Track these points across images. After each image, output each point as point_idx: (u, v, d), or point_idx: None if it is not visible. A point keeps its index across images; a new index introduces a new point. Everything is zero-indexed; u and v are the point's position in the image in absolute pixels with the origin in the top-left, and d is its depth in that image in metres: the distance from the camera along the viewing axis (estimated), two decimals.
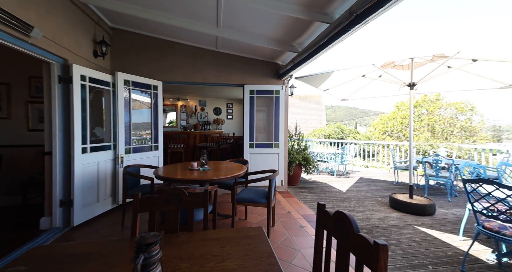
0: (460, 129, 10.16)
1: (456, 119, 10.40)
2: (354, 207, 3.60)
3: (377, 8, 1.96)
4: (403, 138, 11.44)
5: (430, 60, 3.74)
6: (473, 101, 12.44)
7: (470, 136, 10.08)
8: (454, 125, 10.24)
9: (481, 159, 5.53)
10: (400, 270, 1.96)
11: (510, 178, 3.00)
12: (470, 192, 2.00)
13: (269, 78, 4.51)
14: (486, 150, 5.56)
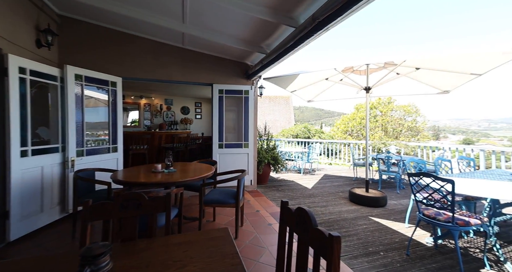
0: (407, 129, 11.56)
1: (404, 120, 11.80)
2: (318, 202, 3.81)
3: (337, 16, 2.10)
4: (361, 137, 12.52)
5: (382, 67, 4.16)
6: (418, 104, 14.21)
7: (415, 135, 11.53)
8: (402, 125, 11.59)
9: (423, 155, 6.38)
10: (356, 259, 2.14)
11: (444, 171, 3.52)
12: (413, 185, 2.29)
13: (238, 78, 4.50)
14: (427, 147, 6.42)
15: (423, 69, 3.74)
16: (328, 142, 8.57)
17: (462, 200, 2.63)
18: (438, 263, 2.08)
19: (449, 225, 2.00)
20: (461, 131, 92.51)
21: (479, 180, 2.52)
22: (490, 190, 2.13)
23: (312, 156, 6.73)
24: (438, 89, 4.34)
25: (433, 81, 4.15)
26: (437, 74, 3.79)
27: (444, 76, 3.79)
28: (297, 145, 9.25)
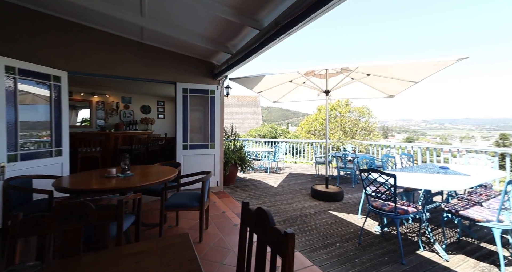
0: (362, 128, 12.77)
1: (359, 121, 13.01)
2: (283, 200, 3.96)
3: (298, 22, 2.21)
4: (323, 137, 13.40)
5: (340, 72, 4.51)
6: (370, 106, 15.77)
7: (368, 134, 12.81)
8: (358, 126, 12.77)
9: (375, 152, 7.13)
10: (316, 251, 2.29)
11: (390, 166, 4.00)
12: (363, 180, 2.54)
13: (204, 77, 4.39)
14: (378, 145, 7.19)
15: (373, 75, 4.18)
16: (293, 141, 8.94)
17: (403, 191, 3.02)
18: (384, 248, 2.36)
19: (392, 214, 2.28)
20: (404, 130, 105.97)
21: (415, 173, 2.92)
22: (423, 182, 2.49)
23: (278, 156, 6.95)
24: (385, 93, 4.90)
25: (381, 87, 4.67)
26: (384, 81, 4.27)
27: (389, 83, 4.29)
28: (264, 145, 9.45)
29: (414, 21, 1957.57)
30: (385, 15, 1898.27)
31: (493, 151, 4.63)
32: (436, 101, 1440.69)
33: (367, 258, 2.17)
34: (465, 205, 2.40)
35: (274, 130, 13.06)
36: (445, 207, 2.40)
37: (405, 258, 2.16)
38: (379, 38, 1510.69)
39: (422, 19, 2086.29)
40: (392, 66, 3.59)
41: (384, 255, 2.23)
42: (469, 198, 2.66)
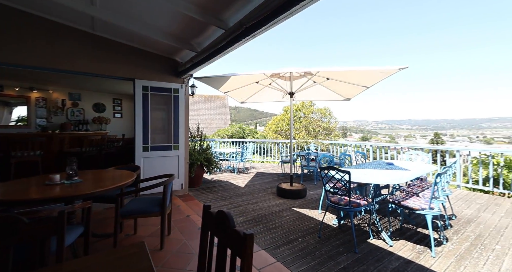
0: (324, 128, 13.67)
1: (321, 121, 13.90)
2: (250, 200, 4.00)
3: (262, 25, 2.25)
4: (289, 137, 13.93)
5: (303, 75, 4.75)
6: (331, 108, 16.94)
7: (329, 134, 13.77)
8: (320, 126, 13.62)
9: (335, 151, 7.70)
10: (280, 248, 2.38)
11: (346, 163, 4.38)
12: (323, 177, 2.73)
13: (166, 75, 4.16)
14: (337, 144, 7.78)
15: (332, 79, 4.50)
16: (261, 141, 9.09)
17: (357, 186, 3.33)
18: (340, 240, 2.57)
19: (347, 207, 2.49)
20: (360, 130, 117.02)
21: (367, 169, 3.25)
22: (373, 177, 2.79)
23: (246, 156, 6.99)
24: (343, 96, 5.33)
25: (339, 90, 5.06)
26: (341, 85, 4.64)
27: (346, 87, 4.68)
28: (232, 145, 9.40)
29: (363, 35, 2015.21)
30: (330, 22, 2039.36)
31: (428, 148, 5.43)
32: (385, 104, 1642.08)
33: (325, 250, 2.34)
34: (405, 196, 2.77)
35: (242, 130, 13.09)
36: (390, 198, 2.72)
37: (357, 247, 2.39)
38: (337, 47, 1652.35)
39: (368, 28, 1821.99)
40: (347, 72, 3.92)
41: (340, 245, 2.43)
42: (409, 190, 3.07)
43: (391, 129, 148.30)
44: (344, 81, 4.42)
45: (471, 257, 2.25)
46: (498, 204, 3.79)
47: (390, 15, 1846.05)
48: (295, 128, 14.10)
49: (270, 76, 4.68)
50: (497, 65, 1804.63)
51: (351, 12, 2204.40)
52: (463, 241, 2.56)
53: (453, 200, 3.96)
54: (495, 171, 4.36)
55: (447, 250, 2.37)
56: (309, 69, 4.05)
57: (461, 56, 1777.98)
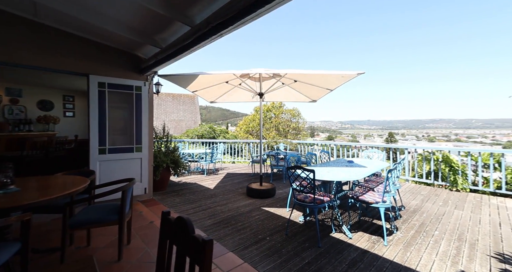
0: (293, 128, 14.18)
1: (291, 122, 14.38)
2: (219, 201, 3.93)
3: (228, 25, 2.23)
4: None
5: (272, 77, 4.85)
6: (300, 109, 17.60)
7: (298, 133, 14.32)
8: (289, 126, 14.09)
9: (303, 150, 8.04)
10: (247, 248, 2.39)
11: (312, 162, 4.60)
12: (290, 176, 2.82)
13: (128, 71, 3.86)
14: (305, 144, 8.13)
15: (299, 82, 4.68)
16: (232, 141, 9.02)
17: (321, 183, 3.52)
18: (306, 236, 2.68)
19: (312, 204, 2.62)
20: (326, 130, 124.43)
21: (330, 167, 3.46)
22: (335, 174, 2.97)
23: (216, 156, 6.87)
24: (310, 98, 5.58)
25: (306, 92, 5.30)
26: (308, 87, 4.86)
27: (312, 89, 4.91)
28: (202, 146, 9.15)
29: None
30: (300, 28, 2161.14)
31: (383, 147, 6.01)
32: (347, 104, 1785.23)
33: (292, 247, 2.42)
34: (362, 191, 3.01)
35: (212, 131, 12.81)
36: (349, 194, 2.94)
37: (321, 241, 2.53)
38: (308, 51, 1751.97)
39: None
40: (312, 75, 4.12)
41: (306, 241, 2.54)
42: (366, 185, 3.35)
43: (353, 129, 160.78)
44: (310, 84, 4.64)
45: (416, 243, 2.55)
46: (438, 194, 4.37)
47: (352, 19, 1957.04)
48: (265, 128, 14.34)
49: (240, 77, 4.67)
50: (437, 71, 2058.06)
51: (312, 17, 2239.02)
52: (410, 229, 2.89)
53: (402, 192, 4.45)
54: (436, 166, 5.02)
55: (397, 238, 2.65)
56: (278, 71, 4.14)
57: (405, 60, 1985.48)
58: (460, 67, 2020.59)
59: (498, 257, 2.27)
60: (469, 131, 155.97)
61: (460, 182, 4.57)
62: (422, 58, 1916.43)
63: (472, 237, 2.66)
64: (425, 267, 2.09)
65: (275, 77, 4.78)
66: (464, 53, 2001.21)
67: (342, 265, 2.11)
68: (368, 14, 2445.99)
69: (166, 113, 25.98)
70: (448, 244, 2.51)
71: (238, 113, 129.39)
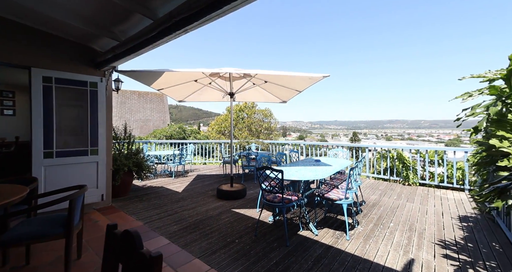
0: (265, 128, 14.36)
1: (263, 122, 14.55)
2: (187, 205, 3.76)
3: (193, 21, 2.12)
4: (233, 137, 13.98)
5: (242, 77, 4.81)
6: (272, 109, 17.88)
7: (270, 133, 14.55)
8: (262, 126, 14.24)
9: (275, 150, 8.17)
10: (215, 253, 2.31)
11: (282, 162, 4.69)
12: (259, 177, 2.81)
13: (81, 65, 3.46)
14: (277, 144, 8.27)
15: (269, 82, 4.73)
16: (204, 142, 8.75)
17: (290, 183, 3.60)
18: (275, 235, 2.70)
19: (280, 204, 2.65)
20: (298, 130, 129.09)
21: (298, 167, 3.55)
22: (303, 174, 3.05)
23: (186, 158, 6.59)
24: (280, 99, 5.68)
25: (277, 93, 5.38)
26: (278, 88, 4.93)
27: (282, 90, 5.01)
28: (171, 147, 8.70)
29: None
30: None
31: (347, 146, 6.41)
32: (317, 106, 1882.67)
33: (260, 248, 2.41)
34: (328, 189, 3.15)
35: (182, 131, 12.27)
36: (316, 192, 3.05)
37: (289, 240, 2.57)
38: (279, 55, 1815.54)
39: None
40: (281, 76, 4.19)
41: (274, 241, 2.56)
42: (331, 183, 3.52)
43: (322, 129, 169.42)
44: (280, 85, 4.71)
45: (374, 235, 2.75)
46: (393, 189, 4.81)
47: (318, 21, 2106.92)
48: (238, 128, 14.26)
49: (210, 76, 4.54)
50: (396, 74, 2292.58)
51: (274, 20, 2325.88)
52: (369, 222, 3.12)
53: (363, 188, 4.79)
54: (391, 163, 5.53)
55: (358, 232, 2.83)
56: (248, 71, 4.10)
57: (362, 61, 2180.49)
58: (413, 76, 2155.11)
59: (440, 243, 2.56)
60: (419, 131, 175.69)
61: (411, 177, 5.10)
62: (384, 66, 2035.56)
63: (421, 227, 2.97)
64: (381, 258, 2.26)
65: (246, 77, 4.75)
66: (407, 53, 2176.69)
67: (308, 262, 2.17)
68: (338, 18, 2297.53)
69: (131, 112, 24.24)
70: (401, 235, 2.76)
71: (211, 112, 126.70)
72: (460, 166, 4.72)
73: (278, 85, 4.74)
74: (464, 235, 2.75)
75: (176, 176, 5.98)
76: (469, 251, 2.39)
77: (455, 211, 3.54)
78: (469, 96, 2.34)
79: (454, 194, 4.39)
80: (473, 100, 2.35)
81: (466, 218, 3.26)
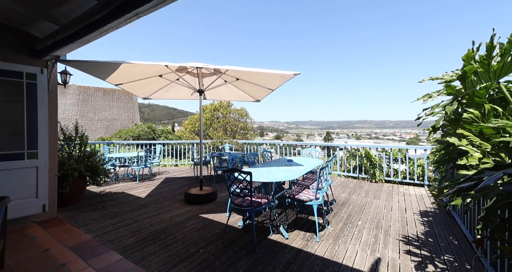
0: (241, 128, 14.16)
1: (239, 121, 14.33)
2: (149, 212, 3.41)
3: (143, 2, 1.85)
4: (208, 137, 13.52)
5: (213, 73, 4.56)
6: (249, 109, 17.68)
7: (246, 133, 14.40)
8: (237, 126, 14.01)
9: (250, 150, 8.01)
10: (176, 267, 2.06)
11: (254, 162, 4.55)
12: (227, 179, 2.62)
13: (13, 52, 2.93)
14: (252, 144, 8.13)
15: (241, 80, 4.55)
16: (176, 143, 8.24)
17: (261, 184, 3.46)
18: (243, 242, 2.53)
19: (248, 208, 2.48)
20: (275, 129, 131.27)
21: (270, 167, 3.43)
22: (273, 175, 2.92)
23: (153, 160, 6.11)
24: (254, 98, 5.54)
25: (250, 91, 5.22)
26: (251, 86, 4.78)
27: (255, 88, 4.86)
28: (139, 148, 8.05)
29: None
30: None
31: (320, 145, 6.51)
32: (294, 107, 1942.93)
33: (227, 257, 2.22)
34: (299, 190, 3.08)
35: (151, 131, 11.46)
36: (287, 193, 2.95)
37: (257, 246, 2.42)
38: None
39: None
40: (252, 73, 4.04)
41: (242, 248, 2.39)
42: (303, 183, 3.46)
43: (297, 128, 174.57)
44: (252, 83, 4.56)
45: (343, 235, 2.73)
46: (361, 186, 4.96)
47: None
48: (213, 128, 13.86)
49: (176, 71, 4.21)
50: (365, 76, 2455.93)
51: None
52: (339, 222, 3.11)
53: (334, 187, 4.86)
54: (360, 161, 5.72)
55: (328, 233, 2.78)
56: (218, 67, 3.90)
57: None
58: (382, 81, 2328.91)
59: (404, 240, 2.63)
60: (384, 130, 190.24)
61: (378, 174, 5.32)
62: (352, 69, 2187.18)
63: (386, 224, 3.04)
64: (350, 259, 2.22)
65: (216, 74, 4.52)
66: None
67: (276, 269, 2.03)
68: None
69: (95, 111, 22.29)
70: (368, 233, 2.78)
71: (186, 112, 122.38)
72: (420, 163, 5.04)
73: (251, 83, 4.58)
74: (425, 230, 2.86)
75: (142, 180, 5.50)
76: (429, 246, 2.48)
77: (417, 206, 3.72)
78: (429, 97, 2.42)
79: (415, 190, 4.66)
80: (433, 100, 2.42)
81: (426, 213, 3.44)
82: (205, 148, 8.25)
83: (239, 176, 2.51)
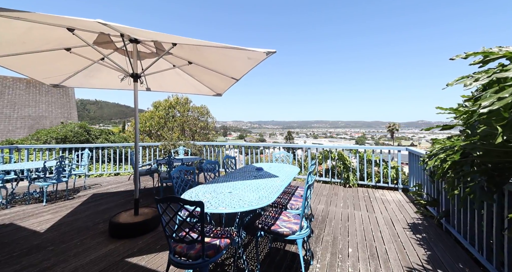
0: (201, 128, 12.80)
1: (199, 120, 12.94)
2: (46, 258, 2.11)
3: None
4: (161, 138, 11.76)
5: (155, 53, 3.38)
6: (211, 107, 16.38)
7: (207, 134, 13.09)
8: (197, 125, 12.61)
9: (210, 152, 6.89)
10: None
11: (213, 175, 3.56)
12: (161, 214, 1.57)
13: None
14: (212, 146, 7.00)
15: (195, 64, 3.48)
16: (120, 145, 6.56)
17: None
18: None
19: (199, 261, 1.50)
20: (238, 129, 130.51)
21: (235, 183, 2.47)
22: (240, 197, 1.98)
23: (74, 170, 4.52)
24: (214, 91, 4.51)
25: (208, 82, 4.17)
26: (208, 74, 3.73)
27: (214, 78, 3.84)
28: (65, 154, 6.12)
29: None
30: None
31: (286, 147, 5.83)
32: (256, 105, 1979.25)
33: None
34: (274, 214, 2.21)
35: (85, 131, 9.20)
36: (258, 223, 2.04)
37: None
38: None
39: None
40: (209, 52, 3.02)
41: None
42: (277, 201, 2.62)
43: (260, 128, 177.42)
44: (210, 69, 3.53)
45: None
46: (336, 193, 4.42)
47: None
48: (168, 127, 12.16)
49: (96, 44, 2.91)
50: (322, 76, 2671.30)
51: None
52: (325, 251, 2.36)
53: None
54: (332, 164, 5.23)
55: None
56: (157, 36, 2.69)
57: None
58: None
59: (410, 271, 2.00)
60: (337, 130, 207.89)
61: (351, 178, 4.87)
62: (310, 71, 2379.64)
63: (381, 249, 2.41)
64: None
65: (159, 53, 3.35)
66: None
67: None
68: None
69: (13, 106, 17.96)
70: (366, 268, 2.09)
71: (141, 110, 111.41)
72: (394, 165, 4.76)
73: (208, 69, 3.54)
74: (426, 254, 2.32)
75: (51, 201, 3.91)
76: None
77: (402, 217, 3.26)
78: (475, 80, 1.79)
79: (391, 195, 4.32)
80: (478, 85, 1.73)
81: (415, 226, 2.97)
82: (154, 151, 6.79)
83: (183, 210, 1.50)
